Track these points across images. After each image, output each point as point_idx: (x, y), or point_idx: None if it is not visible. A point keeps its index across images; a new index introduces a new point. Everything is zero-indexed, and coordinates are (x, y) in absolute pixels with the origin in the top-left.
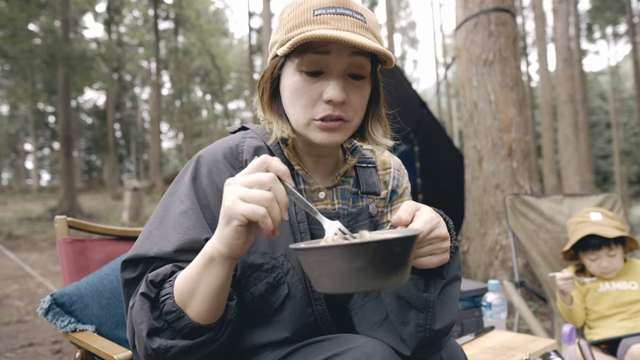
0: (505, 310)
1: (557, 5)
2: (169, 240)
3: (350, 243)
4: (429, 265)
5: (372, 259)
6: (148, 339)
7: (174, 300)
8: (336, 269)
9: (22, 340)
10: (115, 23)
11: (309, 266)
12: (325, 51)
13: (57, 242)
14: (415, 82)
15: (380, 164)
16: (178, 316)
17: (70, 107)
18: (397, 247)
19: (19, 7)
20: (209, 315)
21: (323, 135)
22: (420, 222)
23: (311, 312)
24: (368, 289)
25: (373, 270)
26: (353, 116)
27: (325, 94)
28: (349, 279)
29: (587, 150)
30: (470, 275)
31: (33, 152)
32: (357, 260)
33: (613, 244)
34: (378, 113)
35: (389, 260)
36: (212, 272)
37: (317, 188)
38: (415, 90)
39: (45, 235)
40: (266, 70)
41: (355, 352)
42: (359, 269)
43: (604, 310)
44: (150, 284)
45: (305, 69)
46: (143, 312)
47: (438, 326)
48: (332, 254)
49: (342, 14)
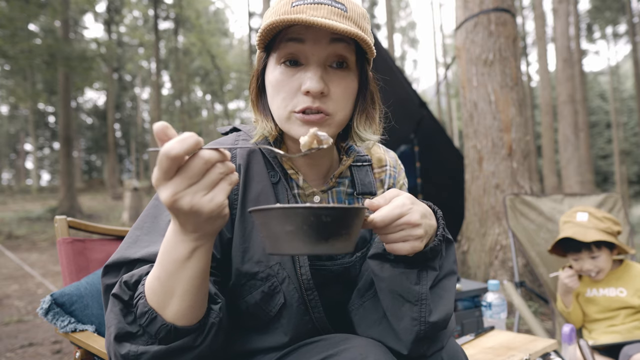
0: (505, 310)
1: (557, 5)
2: (157, 244)
3: (280, 207)
4: (401, 252)
5: (301, 224)
6: (116, 343)
7: (146, 299)
8: (272, 231)
9: (22, 340)
10: (115, 23)
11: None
12: (300, 39)
13: (57, 242)
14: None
15: (375, 161)
16: (151, 317)
17: (70, 107)
18: (325, 216)
19: (19, 7)
20: (189, 313)
21: (304, 129)
22: (389, 207)
23: (309, 319)
24: (299, 253)
25: (302, 235)
26: (335, 109)
27: (304, 85)
28: (282, 241)
29: (587, 150)
30: (470, 275)
31: (33, 152)
32: (287, 224)
33: (594, 247)
34: (365, 108)
35: (317, 228)
36: (195, 263)
37: (311, 192)
38: (415, 90)
39: (45, 235)
40: (254, 67)
41: (350, 352)
42: (290, 232)
43: (594, 314)
44: (124, 285)
45: (283, 61)
46: (112, 315)
47: (434, 318)
48: (267, 217)
49: (319, 3)
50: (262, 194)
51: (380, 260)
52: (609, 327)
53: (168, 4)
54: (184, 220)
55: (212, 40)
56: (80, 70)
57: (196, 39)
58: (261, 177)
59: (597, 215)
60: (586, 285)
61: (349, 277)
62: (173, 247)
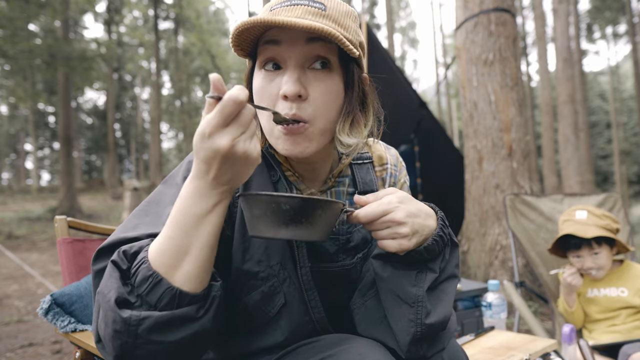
0: (505, 310)
1: (557, 5)
2: (159, 230)
3: (249, 193)
4: (388, 249)
5: (265, 210)
6: (118, 308)
7: (149, 263)
8: (247, 215)
9: (22, 340)
10: (115, 23)
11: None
12: (275, 41)
13: (57, 242)
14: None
15: (376, 159)
16: (155, 281)
17: (70, 107)
18: (285, 204)
19: (19, 7)
20: (199, 276)
21: (286, 145)
22: (375, 204)
23: (309, 320)
24: (263, 236)
25: (267, 220)
26: (314, 115)
27: (280, 90)
28: (253, 224)
29: (587, 150)
30: (470, 275)
31: (33, 152)
32: (255, 208)
33: (595, 243)
34: (351, 112)
35: (279, 214)
36: (214, 218)
37: (310, 193)
38: (415, 90)
39: (45, 235)
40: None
41: (349, 352)
42: (257, 216)
43: (595, 314)
44: (122, 254)
45: (264, 65)
46: (112, 280)
47: (430, 320)
48: (245, 201)
49: (295, 5)
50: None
51: (383, 260)
52: (609, 327)
53: (168, 4)
54: (230, 167)
55: (212, 40)
56: (80, 70)
57: (196, 39)
58: (262, 176)
59: (596, 212)
60: (587, 286)
61: (349, 279)
62: (193, 204)
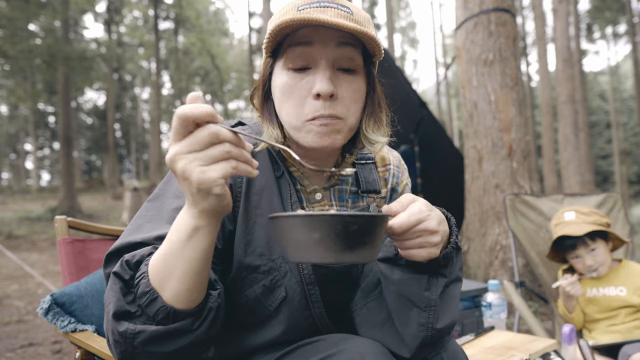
0: (505, 310)
1: (557, 5)
2: (161, 230)
3: (307, 214)
4: (417, 258)
5: (329, 232)
6: (115, 321)
7: (148, 279)
8: (296, 239)
9: (22, 340)
10: (115, 23)
11: (277, 235)
12: (308, 42)
13: (57, 242)
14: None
15: (379, 160)
16: (152, 298)
17: (70, 107)
18: (353, 224)
19: (19, 7)
20: (188, 296)
21: (317, 137)
22: (406, 213)
23: (309, 314)
24: (326, 262)
25: (330, 243)
26: (346, 114)
27: (313, 88)
28: (308, 249)
29: (587, 150)
30: (470, 275)
31: (33, 152)
32: (314, 231)
33: (589, 240)
34: (374, 111)
35: (345, 236)
36: (196, 244)
37: (313, 189)
38: (415, 90)
39: (45, 235)
40: (260, 73)
41: (349, 352)
42: (316, 240)
43: (594, 314)
44: (125, 264)
45: (291, 66)
46: (112, 292)
47: (440, 325)
48: (292, 224)
49: (326, 7)
50: (265, 188)
51: (391, 264)
52: (609, 327)
53: (168, 4)
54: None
55: (212, 40)
56: (80, 70)
57: (196, 39)
58: (265, 171)
59: (583, 211)
60: (586, 286)
61: (350, 277)
62: (180, 222)
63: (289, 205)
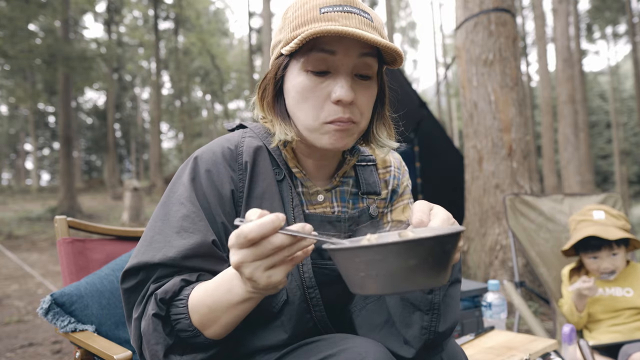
0: (505, 310)
1: (557, 5)
2: (172, 246)
3: (407, 240)
4: None
5: (427, 256)
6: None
7: (190, 321)
8: (388, 269)
9: (22, 340)
10: (115, 23)
11: (354, 267)
12: (332, 51)
13: (57, 242)
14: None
15: (380, 162)
16: (194, 335)
17: (70, 107)
18: (448, 244)
19: (19, 7)
20: (225, 334)
21: (333, 139)
22: (438, 221)
23: (310, 318)
24: (418, 289)
25: (427, 268)
26: (360, 118)
27: (334, 94)
28: (402, 278)
29: (587, 150)
30: (470, 275)
31: (33, 152)
32: (411, 258)
33: (615, 245)
34: (383, 115)
35: (441, 258)
36: (246, 307)
37: (315, 191)
38: (415, 90)
39: (45, 235)
40: (269, 70)
41: (349, 352)
42: (412, 267)
43: (598, 314)
44: (160, 303)
45: (311, 68)
46: (157, 334)
47: (442, 328)
48: (385, 253)
49: (349, 12)
50: (267, 192)
51: None
52: (610, 327)
53: (168, 4)
54: (247, 285)
55: (212, 40)
56: (80, 70)
57: (196, 39)
58: (266, 174)
59: (612, 213)
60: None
61: None
62: (228, 290)
63: (291, 208)
